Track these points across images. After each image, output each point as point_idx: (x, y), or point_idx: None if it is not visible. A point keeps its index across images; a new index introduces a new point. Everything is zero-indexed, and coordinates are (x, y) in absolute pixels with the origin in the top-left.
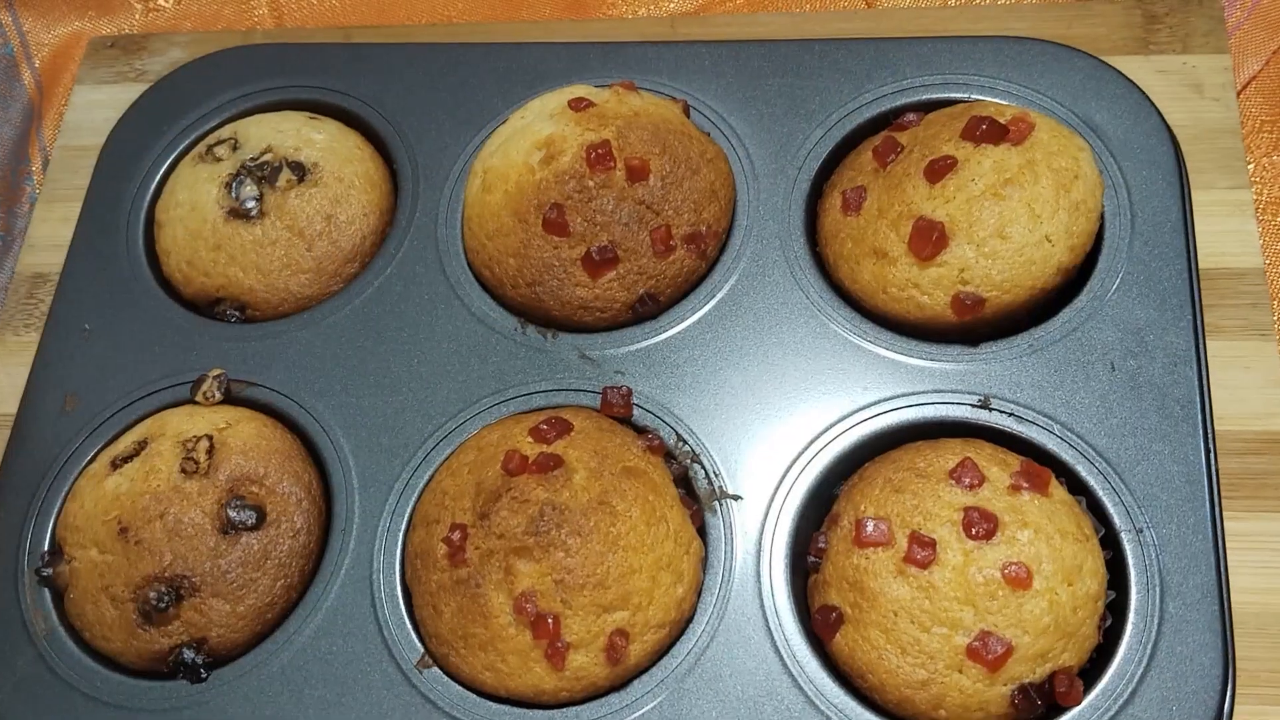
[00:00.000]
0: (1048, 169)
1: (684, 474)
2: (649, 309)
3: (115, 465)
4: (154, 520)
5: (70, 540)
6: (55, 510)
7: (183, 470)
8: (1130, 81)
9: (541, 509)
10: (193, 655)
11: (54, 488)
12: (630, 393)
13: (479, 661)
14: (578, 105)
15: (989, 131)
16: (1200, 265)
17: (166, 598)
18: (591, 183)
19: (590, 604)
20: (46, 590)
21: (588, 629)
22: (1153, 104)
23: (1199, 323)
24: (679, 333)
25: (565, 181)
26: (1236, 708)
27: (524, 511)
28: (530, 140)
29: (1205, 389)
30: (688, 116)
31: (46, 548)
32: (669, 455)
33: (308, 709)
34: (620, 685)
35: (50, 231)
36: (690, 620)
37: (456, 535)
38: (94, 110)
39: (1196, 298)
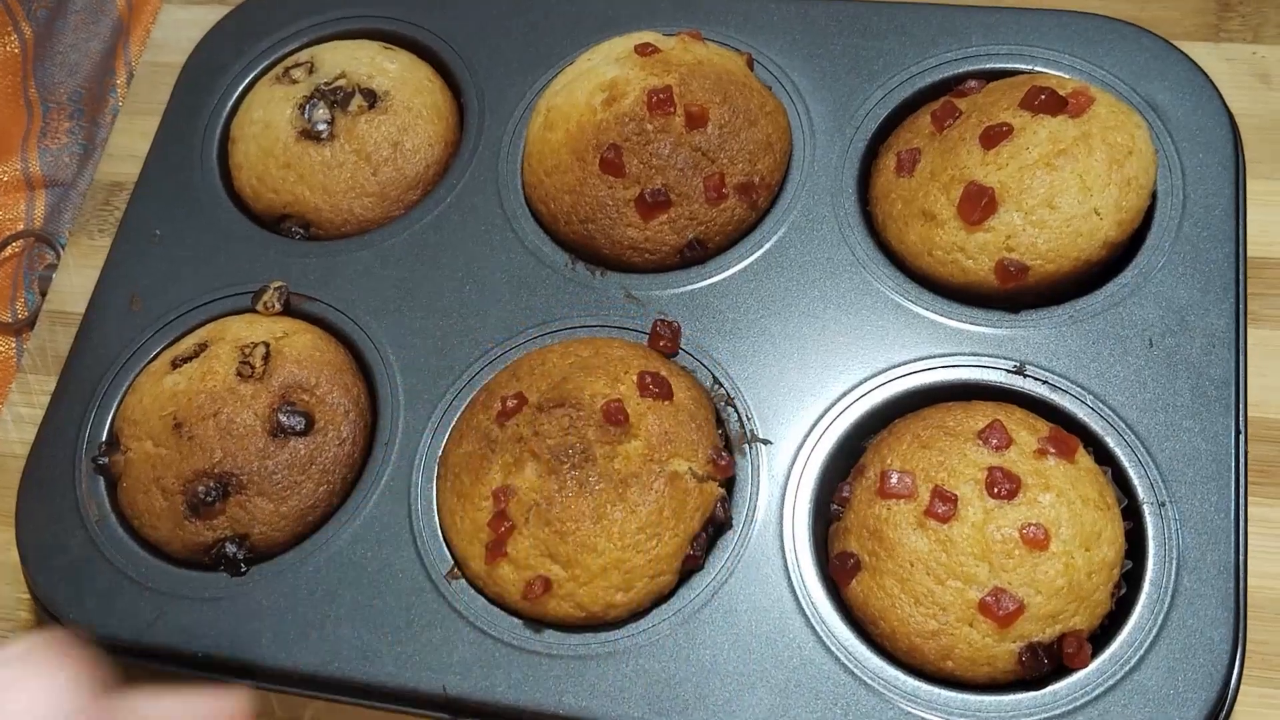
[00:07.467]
0: (1102, 143)
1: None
2: (697, 254)
3: (175, 364)
4: (208, 418)
5: (127, 432)
6: (115, 403)
7: (238, 374)
8: (1195, 65)
9: (575, 445)
10: (234, 549)
11: (115, 382)
12: (680, 329)
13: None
14: (644, 50)
15: (1047, 102)
16: (1250, 254)
17: (214, 493)
18: (650, 126)
19: (541, 540)
20: (101, 478)
21: (525, 556)
22: (1216, 89)
23: (1241, 307)
24: (724, 279)
25: (625, 124)
26: (1246, 689)
27: (563, 435)
28: (595, 82)
29: (1241, 372)
30: (751, 70)
31: (104, 438)
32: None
33: (339, 609)
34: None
35: (129, 143)
36: (611, 621)
37: (514, 402)
38: (180, 29)
39: (1241, 282)
